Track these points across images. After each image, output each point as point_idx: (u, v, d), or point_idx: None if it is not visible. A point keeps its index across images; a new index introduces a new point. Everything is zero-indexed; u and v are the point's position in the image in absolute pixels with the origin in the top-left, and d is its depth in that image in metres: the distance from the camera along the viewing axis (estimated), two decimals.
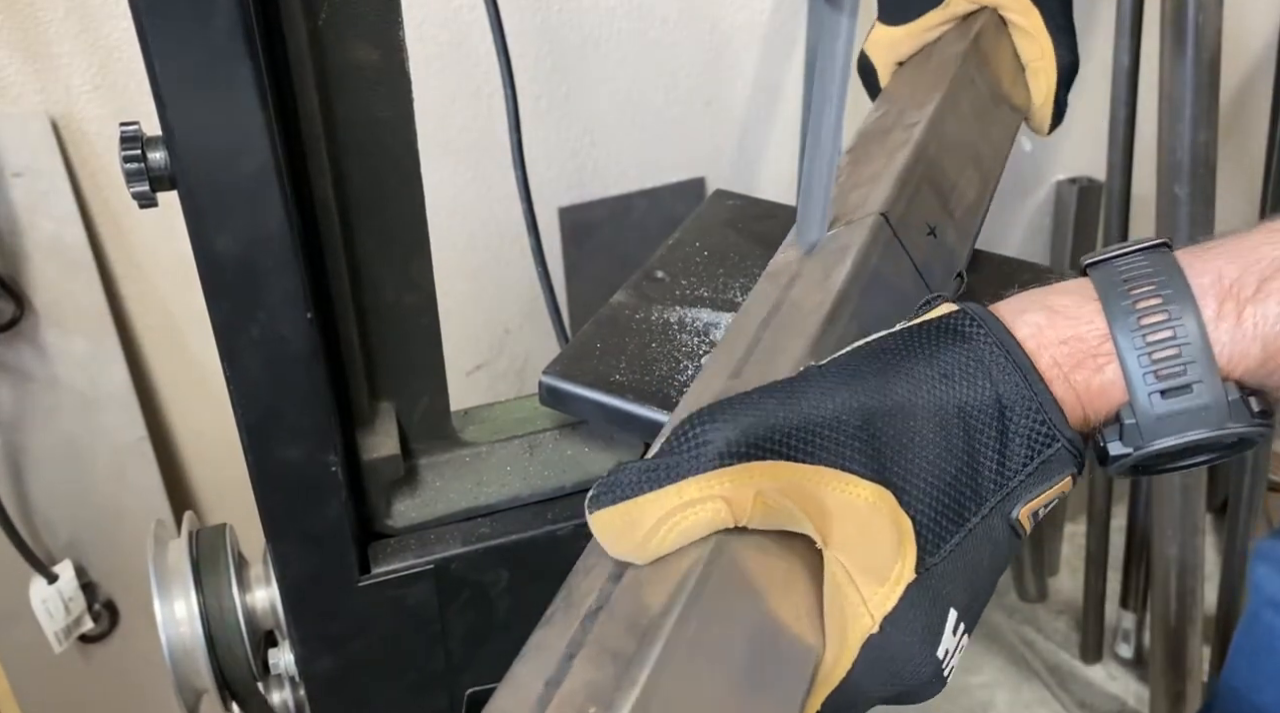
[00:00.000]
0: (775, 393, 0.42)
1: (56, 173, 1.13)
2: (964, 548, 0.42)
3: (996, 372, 0.42)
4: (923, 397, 0.42)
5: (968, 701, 1.76)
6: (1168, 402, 0.42)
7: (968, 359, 0.43)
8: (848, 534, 0.40)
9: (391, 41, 0.52)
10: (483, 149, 1.31)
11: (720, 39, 1.40)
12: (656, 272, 0.71)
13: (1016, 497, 0.42)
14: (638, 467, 0.40)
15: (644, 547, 0.40)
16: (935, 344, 0.43)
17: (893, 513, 0.41)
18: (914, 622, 0.40)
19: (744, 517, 0.40)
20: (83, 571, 1.29)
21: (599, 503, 0.41)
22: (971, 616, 0.43)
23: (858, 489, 0.40)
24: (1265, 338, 0.41)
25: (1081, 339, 0.43)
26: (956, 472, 0.42)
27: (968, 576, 0.42)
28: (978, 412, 0.42)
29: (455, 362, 0.66)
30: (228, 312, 0.49)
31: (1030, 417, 0.42)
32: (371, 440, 0.61)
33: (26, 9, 1.07)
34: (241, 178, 0.46)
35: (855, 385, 0.42)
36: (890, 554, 0.40)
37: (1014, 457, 0.42)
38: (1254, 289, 0.41)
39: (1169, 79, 1.31)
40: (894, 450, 0.41)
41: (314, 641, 0.61)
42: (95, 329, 1.20)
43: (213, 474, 1.39)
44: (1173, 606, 1.53)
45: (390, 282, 0.59)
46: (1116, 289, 0.43)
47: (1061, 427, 0.42)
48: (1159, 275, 0.43)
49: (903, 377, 0.42)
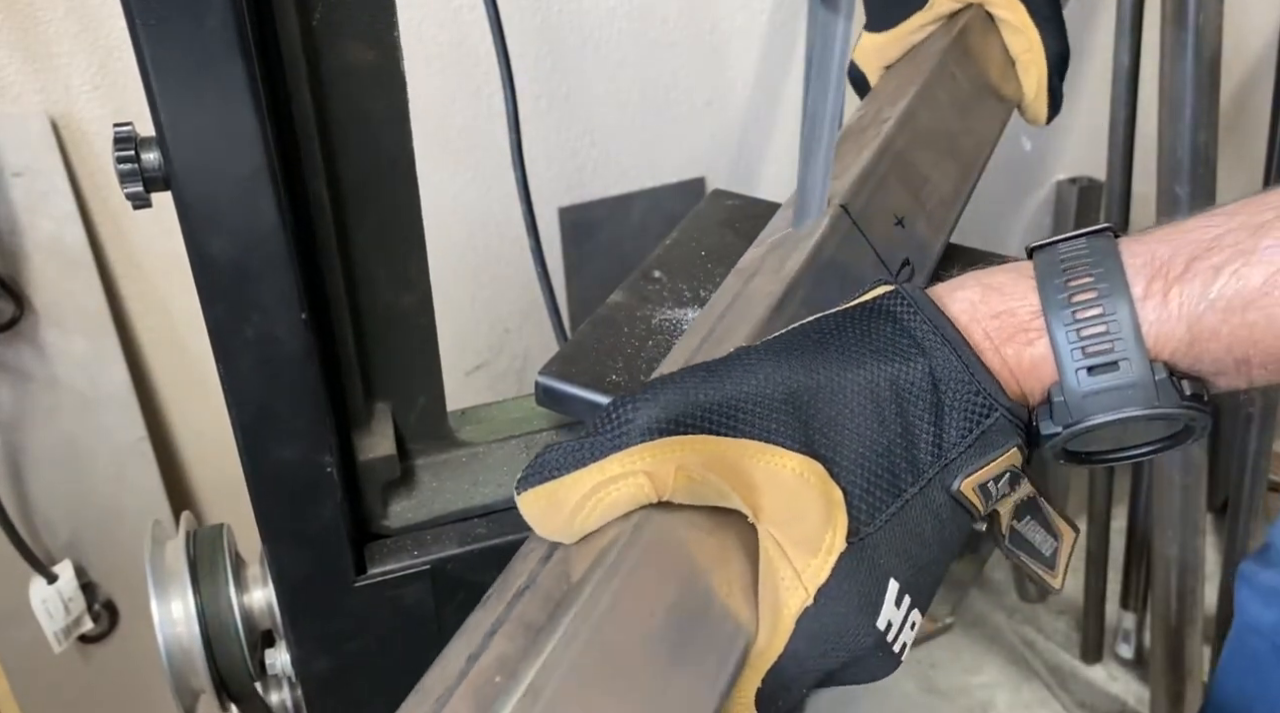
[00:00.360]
0: (699, 371, 0.42)
1: (56, 173, 1.13)
2: (901, 518, 0.42)
3: (929, 346, 0.43)
4: (853, 372, 0.42)
5: (968, 701, 1.76)
6: (1095, 378, 0.42)
7: (899, 335, 0.43)
8: (777, 506, 0.41)
9: (386, 41, 0.52)
10: (483, 149, 1.31)
11: (720, 39, 1.40)
12: (654, 272, 0.71)
13: (957, 469, 0.43)
14: (562, 447, 0.41)
15: (570, 525, 0.41)
16: (867, 322, 0.44)
17: (821, 483, 0.41)
18: (849, 592, 0.41)
19: (666, 491, 0.40)
20: (82, 571, 1.29)
21: (525, 484, 0.41)
22: (918, 590, 0.43)
23: (784, 460, 0.41)
24: (1189, 318, 0.41)
25: (1013, 313, 0.44)
26: (889, 443, 0.42)
27: (907, 546, 0.42)
28: (910, 386, 0.43)
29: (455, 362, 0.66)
30: (222, 312, 0.49)
31: (964, 388, 0.43)
32: (367, 441, 0.61)
33: (26, 9, 1.07)
34: (235, 178, 0.46)
35: (784, 362, 0.42)
36: (820, 524, 0.41)
37: (951, 429, 0.43)
38: (1182, 268, 0.42)
39: (1169, 79, 1.31)
40: (823, 423, 0.42)
41: (310, 641, 0.61)
42: (95, 329, 1.20)
43: (212, 474, 1.39)
44: (1173, 606, 1.52)
45: (386, 282, 0.59)
46: (1052, 269, 0.44)
47: (997, 396, 0.43)
48: (1093, 256, 0.43)
49: (834, 353, 0.43)
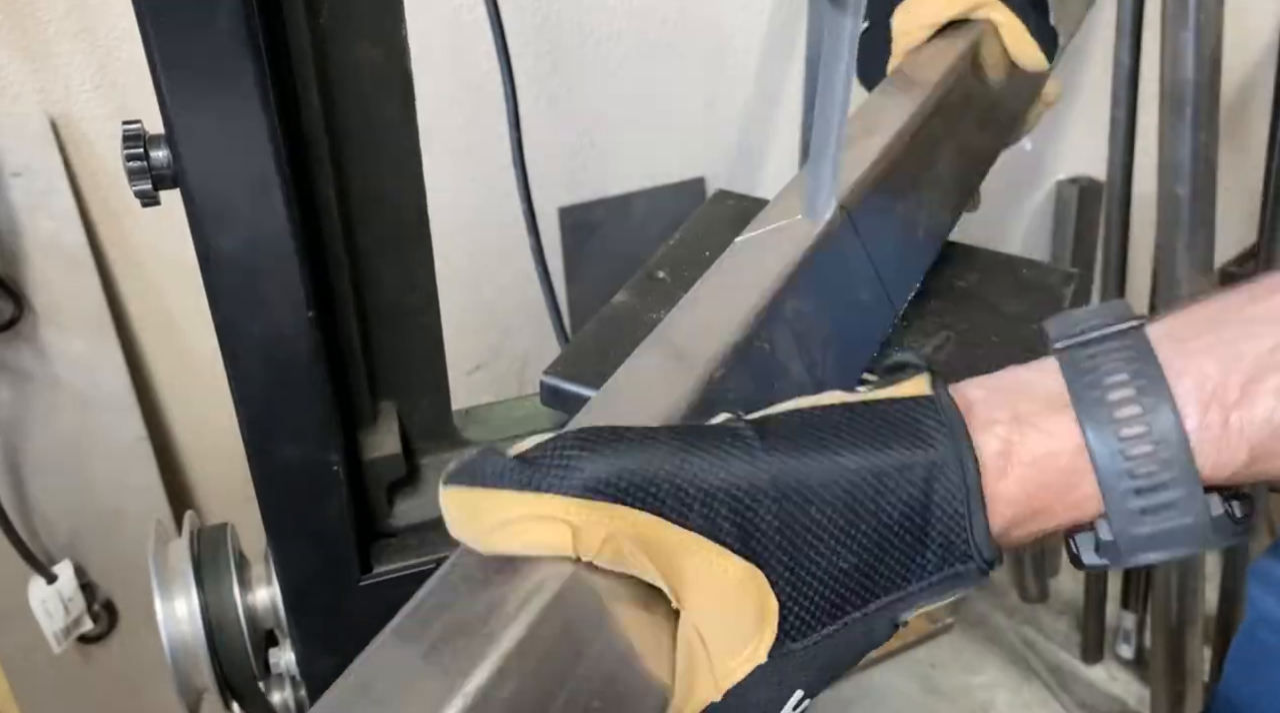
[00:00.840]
0: (674, 440, 0.39)
1: (56, 172, 1.13)
2: (833, 640, 0.40)
3: (939, 485, 0.39)
4: (841, 488, 0.39)
5: (968, 701, 1.76)
6: (1148, 522, 0.39)
7: (914, 463, 0.39)
8: (705, 604, 0.39)
9: (394, 40, 0.52)
10: (483, 149, 1.31)
11: (720, 39, 1.40)
12: (658, 272, 0.71)
13: (911, 603, 0.40)
14: (504, 461, 0.38)
15: (486, 539, 0.39)
16: (884, 436, 0.40)
17: (759, 594, 0.38)
18: (756, 697, 0.39)
19: (588, 553, 0.38)
20: (82, 571, 1.29)
21: (455, 480, 0.39)
22: (818, 690, 0.40)
23: (727, 563, 0.38)
24: (1251, 443, 0.39)
25: (1055, 455, 0.40)
26: (850, 568, 0.39)
27: (828, 663, 0.40)
28: (900, 518, 0.39)
29: (455, 362, 0.66)
30: (229, 311, 0.49)
31: (955, 534, 0.39)
32: (373, 440, 0.61)
33: (26, 8, 1.07)
34: (244, 177, 0.46)
35: (771, 453, 0.39)
36: (748, 633, 0.39)
37: (921, 567, 0.40)
38: (1238, 393, 0.39)
39: (1169, 79, 1.31)
40: (783, 534, 0.39)
41: (315, 640, 0.61)
42: (95, 329, 1.20)
43: (212, 474, 1.39)
44: (1173, 606, 1.53)
45: (392, 281, 0.59)
46: (1093, 396, 0.40)
47: (983, 547, 0.39)
48: (1137, 378, 0.39)
49: (828, 461, 0.39)
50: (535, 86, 1.32)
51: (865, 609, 0.40)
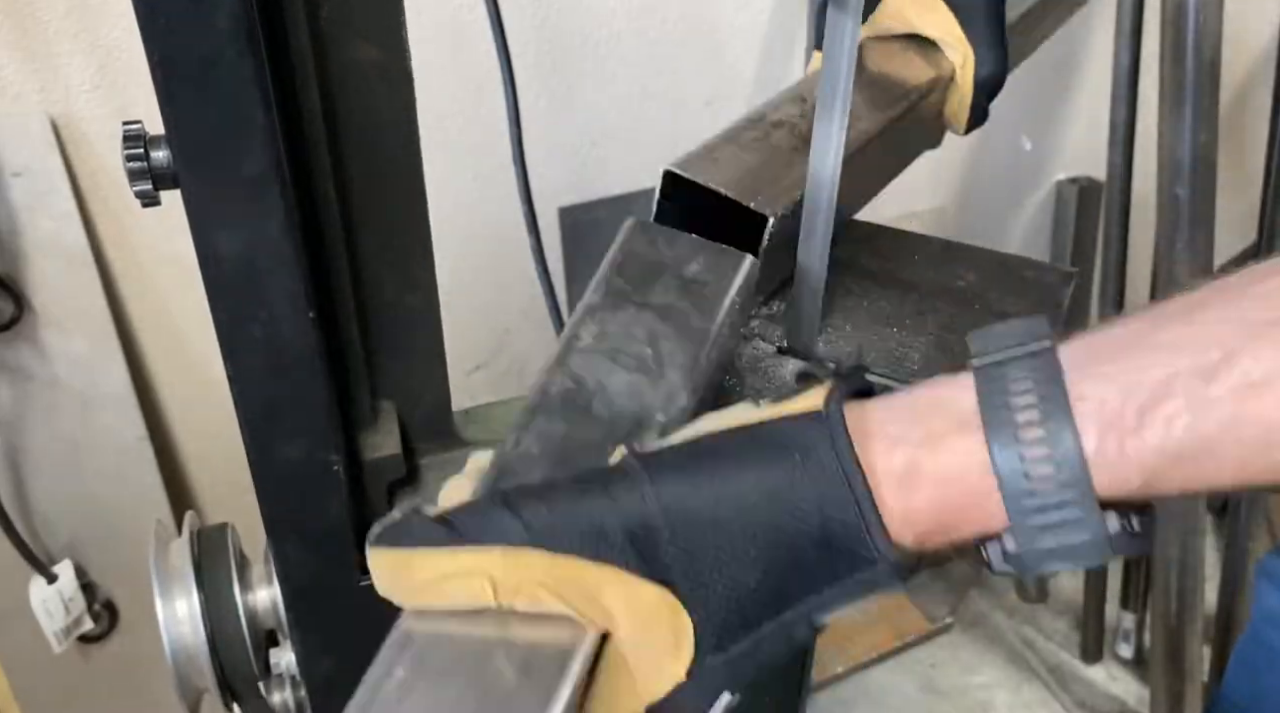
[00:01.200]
0: (593, 485, 0.43)
1: (56, 172, 1.13)
2: (751, 650, 0.42)
3: (830, 497, 0.41)
4: (733, 510, 0.42)
5: (967, 701, 1.76)
6: (1049, 537, 0.41)
7: (801, 480, 0.42)
8: (628, 630, 0.42)
9: (394, 40, 0.52)
10: (483, 149, 1.31)
11: (720, 39, 1.40)
12: None
13: (825, 607, 0.42)
14: (426, 523, 0.42)
15: (413, 596, 0.43)
16: (771, 456, 0.42)
17: (673, 615, 0.41)
18: (681, 706, 0.42)
19: (509, 599, 0.42)
20: (82, 571, 1.29)
21: (380, 541, 0.42)
22: (744, 686, 0.43)
23: (640, 588, 0.41)
24: (1143, 468, 0.40)
25: (964, 474, 0.42)
26: (756, 584, 0.42)
27: (750, 668, 0.42)
28: (796, 533, 0.42)
29: (455, 362, 0.66)
30: (230, 311, 0.49)
31: (856, 544, 0.41)
32: (373, 439, 0.61)
33: (26, 9, 1.07)
34: (244, 177, 0.46)
35: (676, 479, 0.42)
36: (666, 653, 0.42)
37: (832, 574, 0.42)
38: (1135, 421, 0.40)
39: (1169, 79, 1.31)
40: (686, 558, 0.41)
41: (315, 641, 0.61)
42: (95, 329, 1.20)
43: (212, 474, 1.39)
44: (1173, 606, 1.53)
45: (392, 281, 0.59)
46: (1000, 415, 0.42)
47: (887, 553, 0.41)
48: (1045, 402, 0.41)
49: (718, 486, 0.42)
50: (536, 86, 1.32)
51: (780, 618, 0.42)
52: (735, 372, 0.61)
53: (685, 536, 0.41)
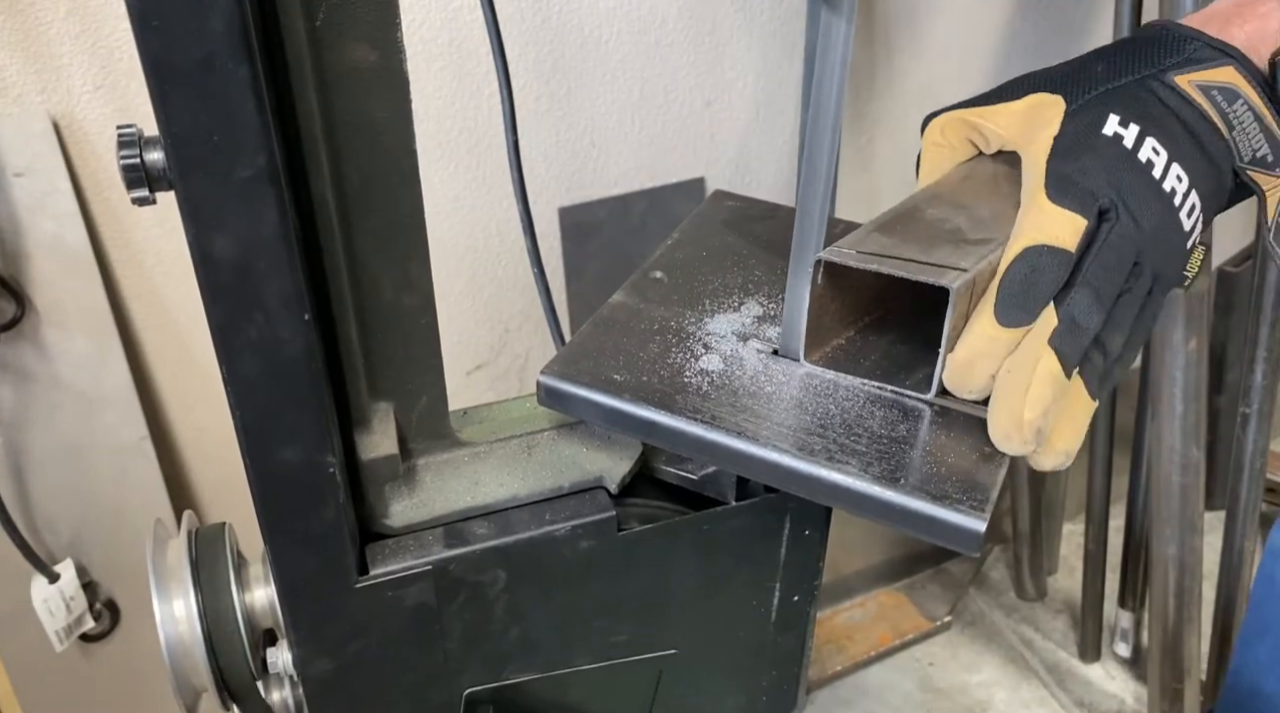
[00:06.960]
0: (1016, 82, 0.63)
1: (58, 173, 1.13)
2: (1110, 95, 0.59)
3: None
4: None
5: (966, 699, 1.76)
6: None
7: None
8: (1015, 125, 0.62)
9: (390, 42, 0.52)
10: (482, 149, 1.31)
11: (720, 39, 1.40)
12: (655, 272, 0.72)
13: (1172, 69, 0.59)
14: None
15: None
16: None
17: (1052, 104, 0.60)
18: (1073, 129, 0.58)
19: None
20: (84, 570, 1.29)
21: None
22: (1147, 124, 0.57)
23: (1015, 105, 0.62)
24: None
25: None
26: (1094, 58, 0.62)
27: (1123, 103, 0.58)
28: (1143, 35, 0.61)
29: (455, 362, 0.66)
30: (225, 313, 0.49)
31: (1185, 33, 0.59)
32: (370, 441, 0.61)
33: (28, 9, 1.07)
34: (239, 179, 0.46)
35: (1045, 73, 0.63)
36: (1047, 117, 0.59)
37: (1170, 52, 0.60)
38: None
39: None
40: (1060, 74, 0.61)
41: (312, 641, 0.61)
42: (96, 329, 1.20)
43: (214, 474, 1.40)
44: (1171, 605, 1.53)
45: (389, 282, 0.59)
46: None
47: (1201, 33, 0.59)
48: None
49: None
50: (535, 86, 1.32)
51: (1124, 80, 0.60)
52: None
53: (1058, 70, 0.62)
